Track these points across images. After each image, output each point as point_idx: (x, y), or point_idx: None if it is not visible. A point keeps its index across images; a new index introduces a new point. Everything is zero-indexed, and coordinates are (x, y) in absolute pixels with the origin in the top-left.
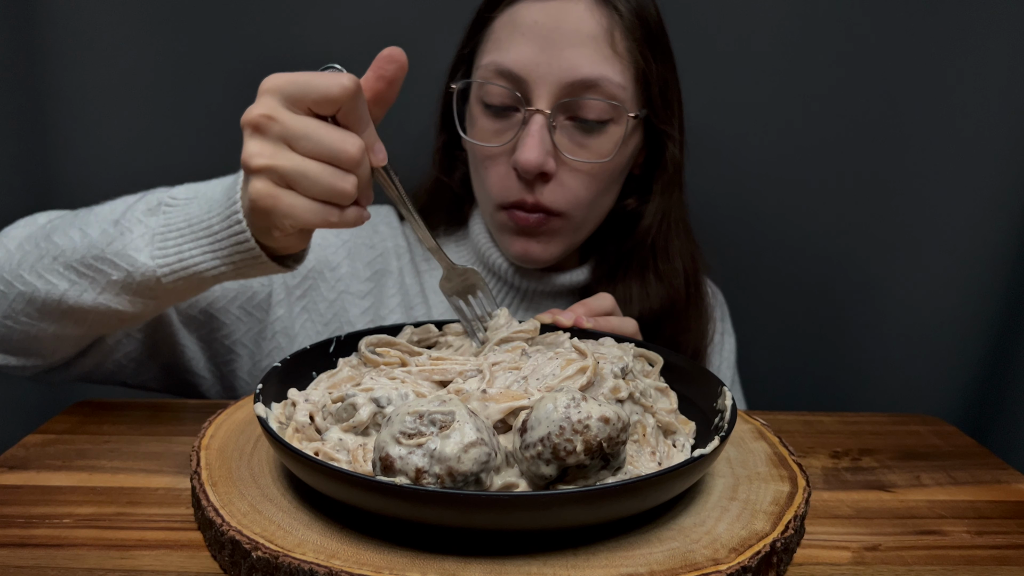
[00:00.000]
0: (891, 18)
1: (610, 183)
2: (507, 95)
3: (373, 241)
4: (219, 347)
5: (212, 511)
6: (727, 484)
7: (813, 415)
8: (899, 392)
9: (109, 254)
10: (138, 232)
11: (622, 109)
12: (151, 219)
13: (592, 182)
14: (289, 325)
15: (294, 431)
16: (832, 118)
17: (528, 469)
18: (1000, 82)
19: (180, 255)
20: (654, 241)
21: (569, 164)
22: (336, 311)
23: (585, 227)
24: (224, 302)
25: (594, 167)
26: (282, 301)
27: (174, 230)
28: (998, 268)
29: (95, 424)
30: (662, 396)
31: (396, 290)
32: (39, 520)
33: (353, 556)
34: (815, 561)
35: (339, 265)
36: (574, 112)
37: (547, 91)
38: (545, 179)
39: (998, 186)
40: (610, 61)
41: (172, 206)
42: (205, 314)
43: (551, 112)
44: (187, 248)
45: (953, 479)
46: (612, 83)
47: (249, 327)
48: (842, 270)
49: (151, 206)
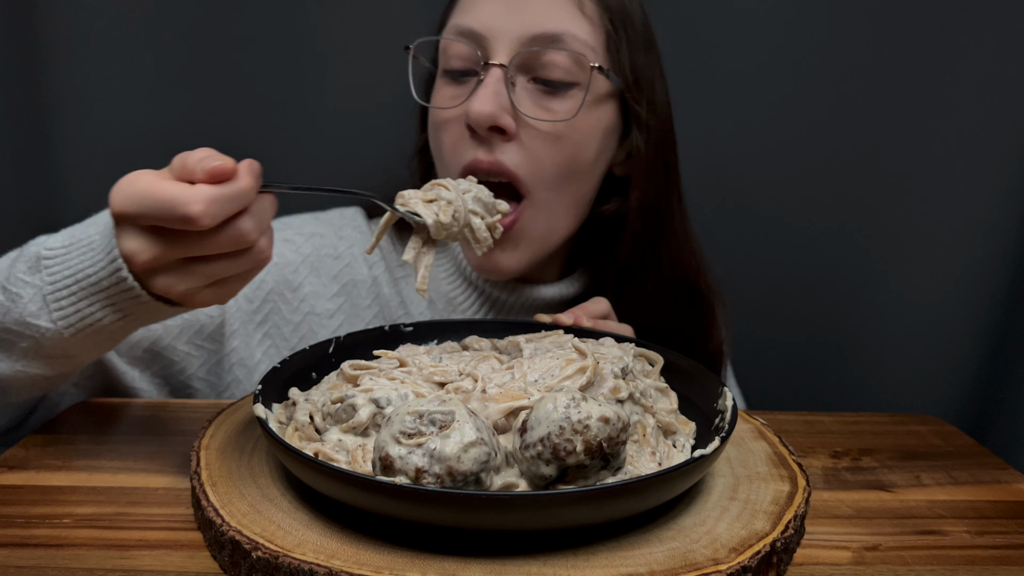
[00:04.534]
0: (891, 17)
1: (579, 163)
2: (468, 55)
3: (339, 250)
4: (175, 383)
5: (212, 511)
6: (727, 484)
7: (813, 415)
8: (899, 392)
9: (8, 323)
10: (28, 295)
11: (588, 67)
12: (35, 278)
13: (556, 149)
14: (247, 355)
15: (293, 430)
16: (832, 118)
17: (528, 469)
18: (1000, 81)
19: (79, 313)
20: (646, 246)
21: (531, 125)
22: (303, 334)
23: (558, 223)
24: (169, 339)
25: (557, 128)
26: (237, 331)
27: (63, 287)
28: (998, 268)
29: (95, 424)
30: (662, 396)
31: (371, 300)
32: (39, 520)
33: (353, 556)
34: (815, 561)
35: (301, 284)
36: (536, 72)
37: (506, 45)
38: (505, 137)
39: (998, 186)
40: (576, 19)
41: (51, 259)
42: (150, 352)
43: (509, 66)
44: (83, 306)
45: (953, 479)
46: (577, 39)
47: (203, 361)
48: (842, 270)
49: (30, 263)
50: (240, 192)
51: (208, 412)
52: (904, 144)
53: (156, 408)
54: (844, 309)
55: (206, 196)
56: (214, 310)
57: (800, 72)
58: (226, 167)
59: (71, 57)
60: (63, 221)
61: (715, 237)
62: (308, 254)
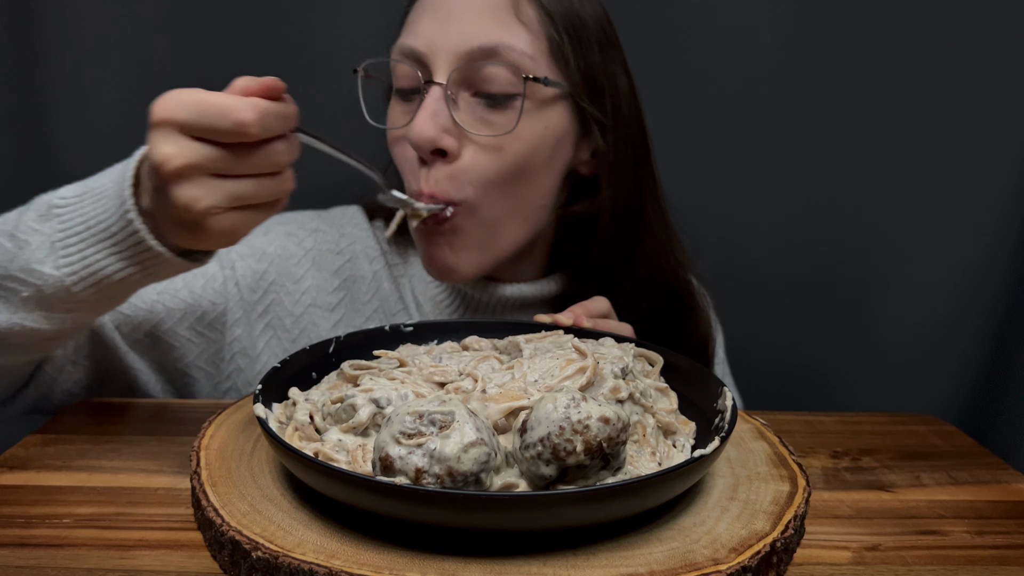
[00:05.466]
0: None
1: (525, 169)
2: (411, 75)
3: (340, 246)
4: (173, 371)
5: (212, 511)
6: (727, 484)
7: (813, 415)
8: (899, 392)
9: (13, 271)
10: (36, 242)
11: (526, 78)
12: (45, 225)
13: (499, 162)
14: (250, 345)
15: (293, 430)
16: (833, 117)
17: (528, 469)
18: (999, 81)
19: (84, 261)
20: (621, 245)
21: (473, 141)
22: (304, 326)
23: (501, 225)
24: (171, 323)
25: (499, 141)
26: (239, 320)
27: (73, 235)
28: (998, 268)
29: (95, 424)
30: (662, 396)
31: (372, 296)
32: (39, 520)
33: (353, 556)
34: (815, 561)
35: (303, 277)
36: (477, 86)
37: (445, 62)
38: (447, 159)
39: (998, 186)
40: (512, 29)
41: (63, 207)
42: (151, 336)
43: (447, 84)
44: (90, 253)
45: (953, 479)
46: (514, 51)
47: (203, 349)
48: (843, 270)
49: (41, 212)
50: (287, 111)
51: (208, 412)
52: (904, 144)
53: (156, 408)
54: (844, 309)
55: (258, 105)
56: (217, 297)
57: (799, 67)
58: (278, 83)
59: (71, 57)
60: None
61: (715, 237)
62: (310, 248)
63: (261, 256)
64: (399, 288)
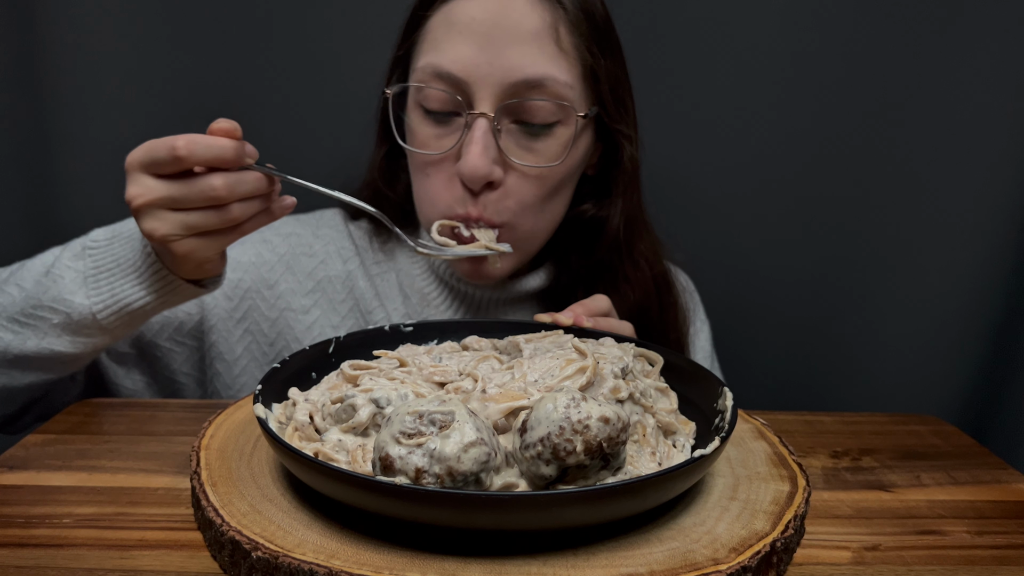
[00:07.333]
0: (888, 17)
1: (560, 187)
2: (447, 99)
3: (314, 248)
4: (161, 379)
5: (212, 511)
6: (727, 484)
7: (813, 415)
8: (899, 392)
9: (47, 301)
10: (69, 277)
11: (570, 109)
12: (78, 263)
13: (540, 187)
14: (227, 350)
15: (293, 430)
16: (835, 117)
17: (528, 469)
18: (999, 81)
19: (113, 292)
20: (621, 245)
21: (517, 169)
22: (280, 329)
23: (536, 236)
24: (150, 335)
25: (543, 171)
26: (215, 326)
27: (104, 270)
28: (998, 268)
29: (95, 424)
30: (662, 396)
31: (346, 295)
32: (39, 520)
33: (353, 556)
34: (815, 561)
35: (277, 282)
36: (519, 115)
37: (489, 93)
38: (491, 187)
39: (998, 186)
40: (555, 59)
41: (95, 248)
42: (136, 347)
43: (495, 115)
44: (118, 285)
45: (953, 479)
46: (558, 82)
47: (186, 356)
48: (842, 270)
49: (75, 252)
50: (216, 144)
51: (208, 412)
52: (904, 144)
53: (156, 408)
54: (844, 309)
55: (190, 136)
56: (192, 307)
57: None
58: (224, 125)
59: (71, 57)
60: (63, 221)
61: (716, 236)
62: (284, 253)
63: (236, 266)
64: (375, 286)
